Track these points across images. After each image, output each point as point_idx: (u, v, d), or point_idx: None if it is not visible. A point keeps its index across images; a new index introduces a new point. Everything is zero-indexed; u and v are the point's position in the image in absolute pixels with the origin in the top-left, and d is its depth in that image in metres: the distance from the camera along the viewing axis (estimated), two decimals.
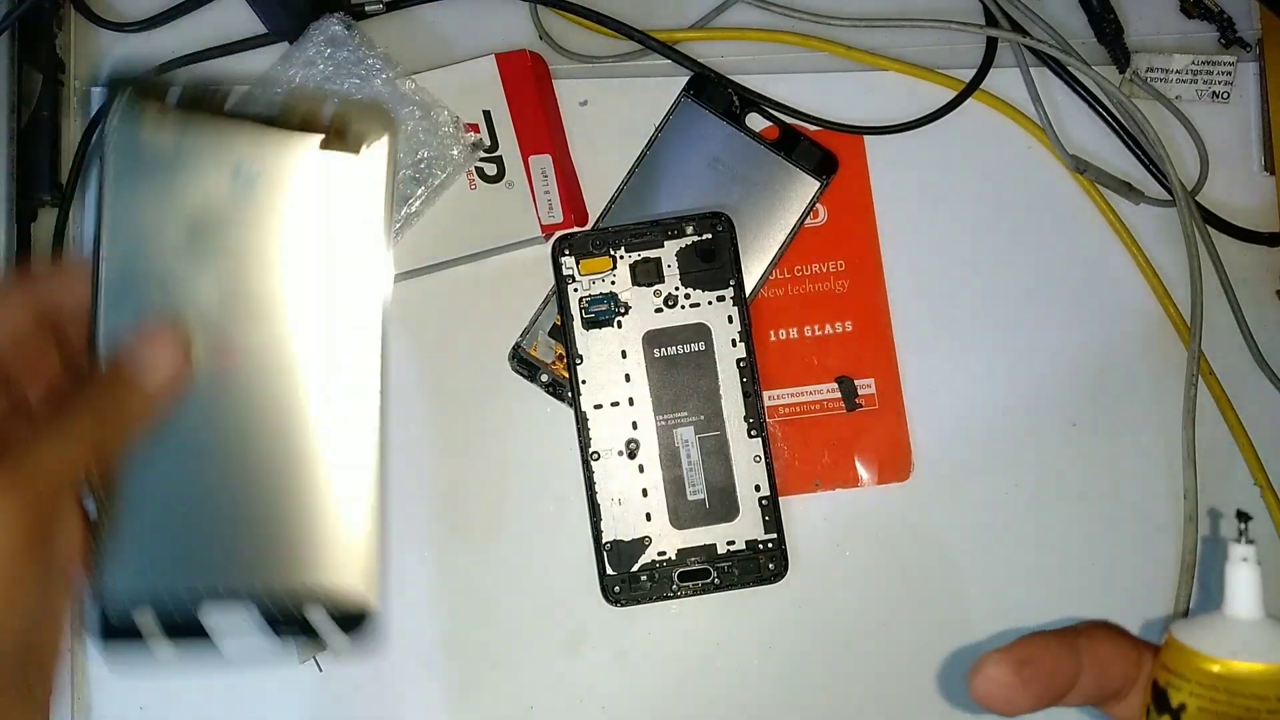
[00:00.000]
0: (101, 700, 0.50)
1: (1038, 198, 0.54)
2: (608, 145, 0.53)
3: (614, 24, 0.53)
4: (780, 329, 0.53)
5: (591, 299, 0.50)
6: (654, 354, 0.50)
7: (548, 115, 0.52)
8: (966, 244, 0.54)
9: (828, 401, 0.52)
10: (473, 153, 0.50)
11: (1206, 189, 0.53)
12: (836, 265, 0.53)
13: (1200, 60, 0.54)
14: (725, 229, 0.50)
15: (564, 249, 0.50)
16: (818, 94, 0.54)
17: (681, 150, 0.52)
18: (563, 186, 0.51)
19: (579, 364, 0.50)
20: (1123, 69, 0.54)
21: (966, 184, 0.54)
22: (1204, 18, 0.55)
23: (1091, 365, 0.53)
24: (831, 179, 0.53)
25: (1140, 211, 0.53)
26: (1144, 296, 0.53)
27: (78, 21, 0.54)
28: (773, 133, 0.53)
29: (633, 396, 0.50)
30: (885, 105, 0.54)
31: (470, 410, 0.52)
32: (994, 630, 0.51)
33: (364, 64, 0.50)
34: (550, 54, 0.54)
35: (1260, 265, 0.54)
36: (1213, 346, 0.52)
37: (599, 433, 0.49)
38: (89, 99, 0.54)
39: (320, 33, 0.50)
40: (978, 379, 0.53)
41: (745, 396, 0.49)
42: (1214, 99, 0.54)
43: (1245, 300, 0.53)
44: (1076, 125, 0.54)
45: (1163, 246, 0.53)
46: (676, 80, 0.53)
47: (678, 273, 0.50)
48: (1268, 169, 0.54)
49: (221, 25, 0.54)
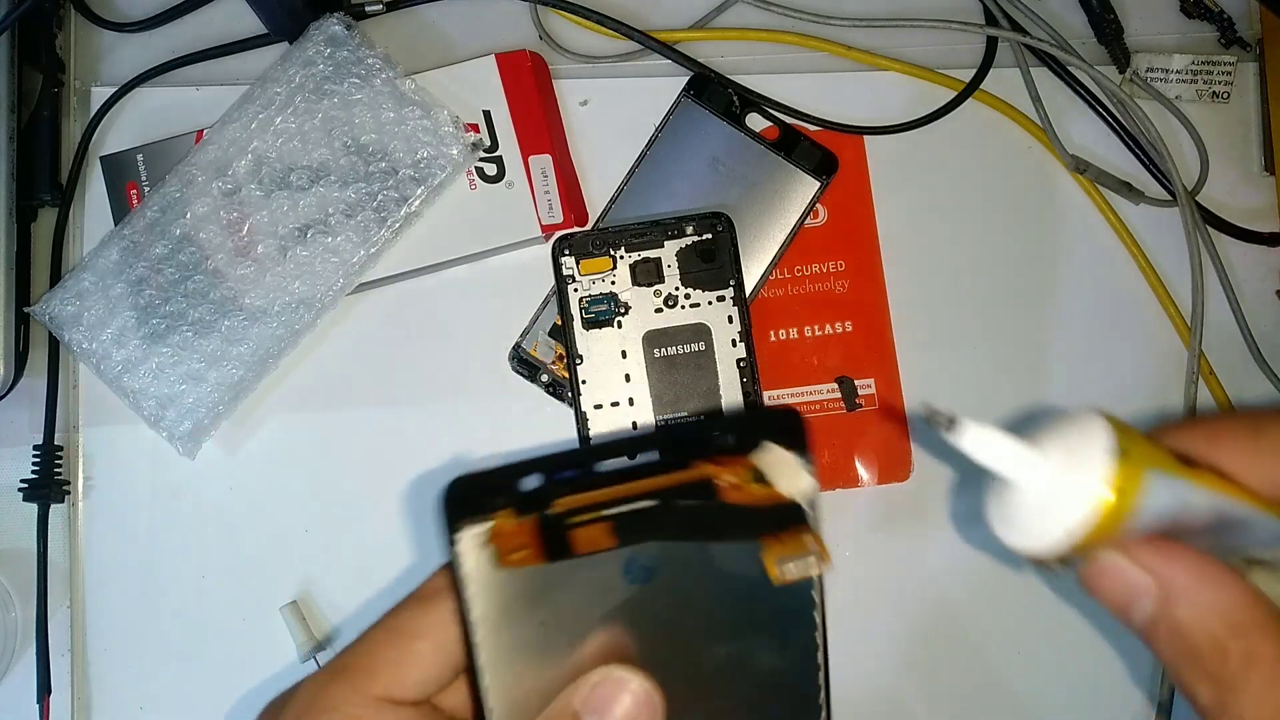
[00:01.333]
0: (101, 700, 0.50)
1: (1038, 198, 0.54)
2: (608, 145, 0.53)
3: (614, 24, 0.53)
4: (780, 329, 0.53)
5: (591, 299, 0.50)
6: (654, 354, 0.50)
7: (548, 115, 0.52)
8: (966, 244, 0.54)
9: (828, 401, 0.52)
10: (473, 153, 0.50)
11: (1206, 189, 0.53)
12: (836, 265, 0.53)
13: (1200, 60, 0.54)
14: (725, 229, 0.50)
15: (564, 249, 0.50)
16: (818, 94, 0.54)
17: (681, 150, 0.52)
18: (563, 186, 0.51)
19: (579, 364, 0.50)
20: (1123, 69, 0.54)
21: (966, 184, 0.54)
22: (1204, 18, 0.55)
23: (1092, 365, 0.53)
24: (831, 179, 0.53)
25: (1140, 211, 0.53)
26: (1144, 296, 0.53)
27: (78, 21, 0.54)
28: (773, 133, 0.53)
29: (633, 396, 0.50)
30: (885, 105, 0.54)
31: (470, 410, 0.52)
32: (993, 629, 0.52)
33: (364, 64, 0.50)
34: (550, 54, 0.54)
35: (1260, 265, 0.54)
36: (1213, 346, 0.52)
37: (599, 432, 0.49)
38: (89, 99, 0.54)
39: (320, 33, 0.50)
40: (977, 379, 0.53)
41: (745, 396, 0.49)
42: (1214, 99, 0.54)
43: (1245, 300, 0.53)
44: (1076, 125, 0.54)
45: (1163, 246, 0.53)
46: (676, 80, 0.53)
47: (678, 273, 0.50)
48: (1268, 169, 0.54)
49: (221, 25, 0.54)
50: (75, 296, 0.50)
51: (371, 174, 0.50)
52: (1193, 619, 0.21)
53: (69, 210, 0.52)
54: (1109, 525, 0.21)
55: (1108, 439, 0.21)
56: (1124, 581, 0.22)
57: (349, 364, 0.52)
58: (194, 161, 0.50)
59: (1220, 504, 0.21)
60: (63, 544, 0.51)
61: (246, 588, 0.51)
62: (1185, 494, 0.21)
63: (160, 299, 0.50)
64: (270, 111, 0.50)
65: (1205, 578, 0.21)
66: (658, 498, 0.25)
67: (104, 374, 0.49)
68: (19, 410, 0.51)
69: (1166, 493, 0.21)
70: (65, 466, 0.51)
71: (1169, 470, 0.21)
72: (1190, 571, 0.21)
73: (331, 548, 0.51)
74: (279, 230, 0.50)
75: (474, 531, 0.25)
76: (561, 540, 0.25)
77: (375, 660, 0.27)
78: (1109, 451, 0.21)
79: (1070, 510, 0.21)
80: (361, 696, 0.26)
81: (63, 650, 0.50)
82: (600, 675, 0.25)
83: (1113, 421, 0.22)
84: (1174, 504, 0.21)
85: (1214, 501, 0.21)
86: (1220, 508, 0.21)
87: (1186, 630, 0.21)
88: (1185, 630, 0.21)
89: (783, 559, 0.24)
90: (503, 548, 0.25)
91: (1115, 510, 0.20)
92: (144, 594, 0.51)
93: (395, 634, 0.27)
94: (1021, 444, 0.22)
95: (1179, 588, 0.21)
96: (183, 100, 0.53)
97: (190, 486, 0.51)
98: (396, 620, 0.28)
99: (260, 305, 0.49)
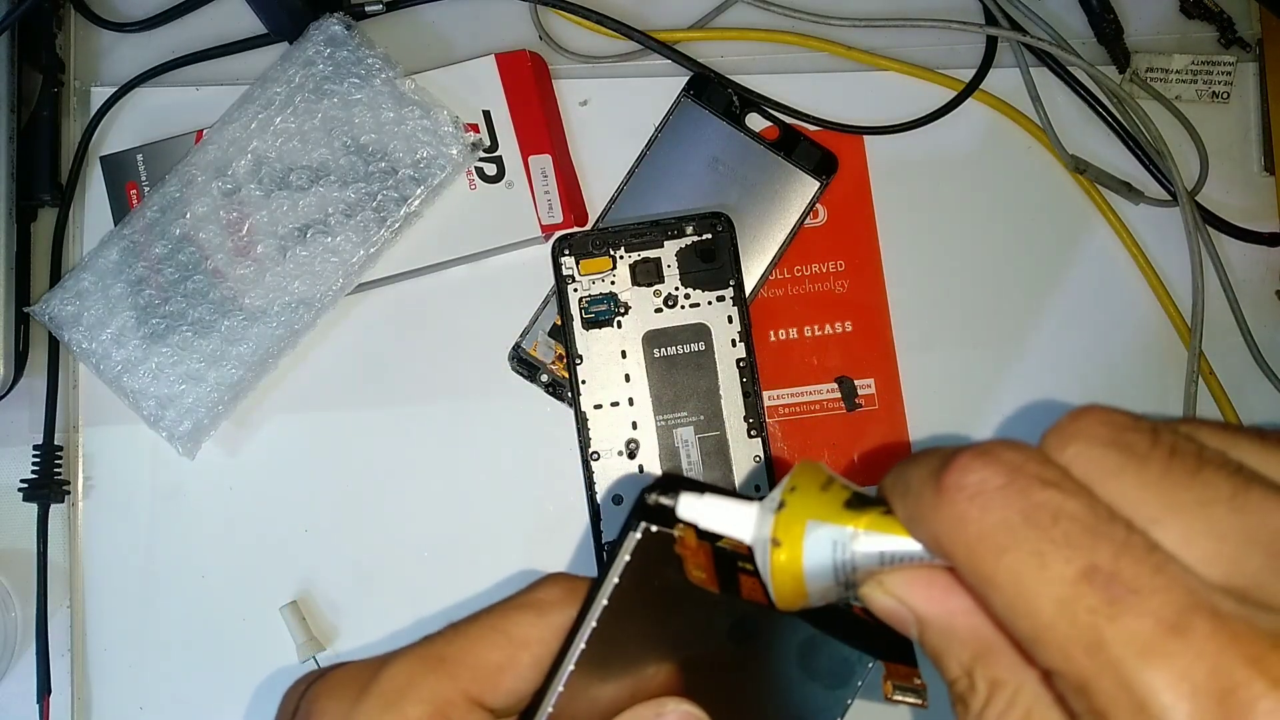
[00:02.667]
0: (101, 700, 0.50)
1: (1038, 198, 0.54)
2: (608, 145, 0.53)
3: (614, 24, 0.53)
4: (780, 329, 0.53)
5: (591, 299, 0.50)
6: (654, 354, 0.50)
7: (548, 115, 0.52)
8: (966, 244, 0.54)
9: (828, 401, 0.52)
10: (473, 153, 0.50)
11: (1206, 189, 0.53)
12: (836, 265, 0.53)
13: (1200, 60, 0.54)
14: (725, 229, 0.50)
15: (564, 249, 0.50)
16: (818, 94, 0.54)
17: (681, 150, 0.52)
18: (563, 186, 0.51)
19: (579, 364, 0.50)
20: (1123, 69, 0.54)
21: (966, 184, 0.54)
22: (1204, 18, 0.55)
23: (1091, 365, 0.53)
24: (831, 179, 0.53)
25: (1140, 211, 0.53)
26: (1144, 296, 0.53)
27: (78, 21, 0.54)
28: (773, 133, 0.53)
29: (632, 396, 0.50)
30: (885, 105, 0.54)
31: (470, 410, 0.52)
32: None
33: (364, 64, 0.50)
34: (550, 54, 0.54)
35: (1260, 265, 0.54)
36: (1213, 346, 0.52)
37: (599, 433, 0.49)
38: (89, 99, 0.54)
39: (320, 33, 0.50)
40: (978, 379, 0.53)
41: (745, 396, 0.49)
42: (1214, 99, 0.54)
43: (1245, 300, 0.53)
44: (1076, 125, 0.54)
45: (1163, 246, 0.53)
46: (676, 80, 0.53)
47: (678, 273, 0.50)
48: (1268, 169, 0.54)
49: (221, 25, 0.54)
50: (75, 296, 0.50)
51: (371, 174, 0.50)
52: (940, 646, 0.21)
53: (69, 210, 0.52)
54: (791, 575, 0.22)
55: (777, 493, 0.22)
56: (886, 612, 0.22)
57: (349, 364, 0.52)
58: (194, 161, 0.50)
59: (882, 543, 0.21)
60: (63, 544, 0.51)
61: (246, 588, 0.51)
62: (845, 537, 0.21)
63: (160, 299, 0.50)
64: (270, 111, 0.50)
65: (949, 603, 0.21)
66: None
67: (104, 374, 0.49)
68: (19, 410, 0.51)
69: (825, 539, 0.21)
70: (65, 466, 0.51)
71: (827, 518, 0.22)
72: (930, 600, 0.21)
73: (331, 548, 0.51)
74: (279, 230, 0.50)
75: (659, 532, 0.25)
76: (733, 578, 0.26)
77: (477, 658, 0.25)
78: (772, 506, 0.22)
79: (761, 564, 0.22)
80: (458, 693, 0.25)
81: (63, 650, 0.50)
82: (675, 705, 0.25)
83: (801, 471, 0.23)
84: (837, 550, 0.21)
85: (877, 540, 0.21)
86: (883, 546, 0.21)
87: (938, 657, 0.21)
88: (937, 657, 0.21)
89: (898, 685, 0.26)
90: (689, 560, 0.25)
91: (789, 561, 0.22)
92: (144, 594, 0.51)
93: (503, 636, 0.26)
94: (734, 504, 0.24)
95: (924, 615, 0.21)
96: (183, 100, 0.53)
97: (190, 486, 0.51)
98: (505, 622, 0.26)
99: (260, 305, 0.49)
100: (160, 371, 0.49)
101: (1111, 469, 0.18)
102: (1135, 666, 0.16)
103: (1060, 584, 0.17)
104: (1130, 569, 0.17)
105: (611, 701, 0.25)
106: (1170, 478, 0.18)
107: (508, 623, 0.26)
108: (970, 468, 0.19)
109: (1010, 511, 0.18)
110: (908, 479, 0.20)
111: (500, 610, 0.26)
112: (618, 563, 0.24)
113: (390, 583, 0.51)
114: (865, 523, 0.21)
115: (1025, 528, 0.18)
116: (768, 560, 0.22)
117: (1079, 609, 0.17)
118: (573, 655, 0.24)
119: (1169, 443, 0.18)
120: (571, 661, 0.24)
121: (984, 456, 0.19)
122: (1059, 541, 0.17)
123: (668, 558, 0.25)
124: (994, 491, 0.18)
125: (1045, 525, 0.18)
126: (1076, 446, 0.19)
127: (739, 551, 0.26)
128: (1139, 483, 0.18)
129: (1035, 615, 0.17)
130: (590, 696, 0.25)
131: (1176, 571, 0.17)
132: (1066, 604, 0.17)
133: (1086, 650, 0.17)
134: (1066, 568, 0.17)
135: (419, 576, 0.51)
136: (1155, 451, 0.18)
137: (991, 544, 0.18)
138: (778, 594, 0.22)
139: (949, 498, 0.19)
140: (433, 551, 0.51)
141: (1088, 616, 0.17)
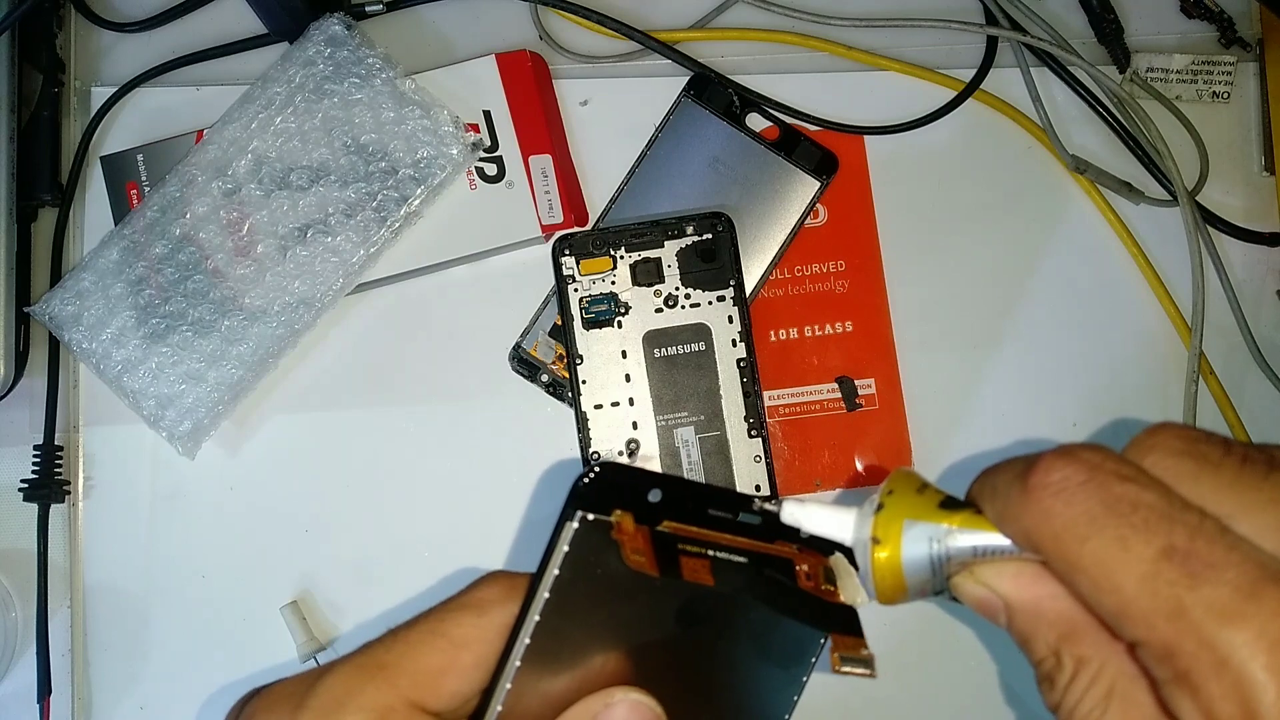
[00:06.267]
0: (101, 700, 0.50)
1: (1038, 198, 0.54)
2: (608, 145, 0.53)
3: (614, 24, 0.53)
4: (780, 329, 0.53)
5: (591, 299, 0.50)
6: (654, 354, 0.50)
7: (548, 115, 0.52)
8: (966, 244, 0.54)
9: (828, 401, 0.52)
10: (473, 153, 0.50)
11: (1206, 189, 0.53)
12: (836, 265, 0.53)
13: (1200, 60, 0.54)
14: (725, 229, 0.50)
15: (564, 249, 0.50)
16: (818, 94, 0.54)
17: (681, 150, 0.52)
18: (563, 186, 0.51)
19: (579, 364, 0.50)
20: (1123, 69, 0.54)
21: (966, 184, 0.54)
22: (1204, 18, 0.55)
23: (1092, 365, 0.53)
24: (831, 179, 0.53)
25: (1140, 211, 0.53)
26: (1144, 296, 0.53)
27: (78, 21, 0.54)
28: (773, 133, 0.53)
29: (633, 396, 0.50)
30: (885, 105, 0.54)
31: (470, 410, 0.52)
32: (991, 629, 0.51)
33: (364, 64, 0.50)
34: (550, 54, 0.54)
35: (1260, 265, 0.54)
36: (1213, 346, 0.52)
37: (599, 433, 0.49)
38: (89, 99, 0.54)
39: (320, 33, 0.50)
40: (978, 379, 0.53)
41: (745, 396, 0.49)
42: (1214, 99, 0.54)
43: (1245, 300, 0.53)
44: (1076, 125, 0.54)
45: (1163, 246, 0.53)
46: (676, 80, 0.53)
47: (678, 273, 0.50)
48: (1268, 169, 0.54)
49: (221, 25, 0.54)
50: (75, 296, 0.50)
51: (371, 174, 0.50)
52: (1028, 629, 0.23)
53: (69, 210, 0.52)
54: (890, 570, 0.24)
55: (876, 497, 0.24)
56: (978, 600, 0.24)
57: (349, 364, 0.52)
58: (194, 161, 0.50)
59: (975, 538, 0.23)
60: (63, 544, 0.51)
61: (246, 588, 0.51)
62: (940, 534, 0.23)
63: (160, 299, 0.50)
64: (270, 111, 0.50)
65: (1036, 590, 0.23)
66: (748, 558, 0.28)
67: (104, 374, 0.49)
68: (19, 410, 0.51)
69: (922, 536, 0.23)
70: (65, 466, 0.51)
71: (923, 517, 0.23)
72: (1019, 586, 0.23)
73: (331, 548, 0.51)
74: (279, 230, 0.50)
75: (596, 520, 0.25)
76: (673, 560, 0.26)
77: (416, 663, 0.25)
78: (871, 508, 0.24)
79: (862, 562, 0.24)
80: (398, 699, 0.25)
81: (63, 650, 0.50)
82: (624, 694, 0.25)
83: (897, 477, 0.25)
84: (934, 545, 0.23)
85: (970, 536, 0.23)
86: (975, 541, 0.23)
87: (1027, 640, 0.23)
88: (1026, 640, 0.23)
89: (845, 657, 0.28)
90: (626, 545, 0.26)
91: (890, 558, 0.23)
92: (144, 594, 0.51)
93: (443, 639, 0.26)
94: (833, 509, 0.25)
95: (1014, 601, 0.23)
96: (183, 100, 0.53)
97: (190, 486, 0.51)
98: (443, 625, 0.26)
99: (260, 305, 0.49)
100: (160, 371, 0.49)
101: (1187, 474, 0.20)
102: (1215, 627, 0.18)
103: (1142, 562, 0.19)
104: (1205, 547, 0.19)
105: (562, 695, 0.25)
106: (1243, 480, 0.20)
107: (447, 624, 0.26)
108: (1054, 467, 0.21)
109: (1093, 503, 0.20)
110: (995, 482, 0.22)
111: (439, 612, 0.26)
112: (556, 554, 0.25)
113: (390, 583, 0.51)
114: (959, 521, 0.23)
115: (1107, 516, 0.20)
116: (868, 557, 0.24)
117: (1160, 583, 0.19)
118: (518, 651, 0.25)
119: (1241, 452, 0.20)
120: (517, 658, 0.24)
121: (1066, 456, 0.21)
122: (1138, 526, 0.19)
123: (607, 545, 0.25)
124: (1077, 487, 0.20)
125: (1125, 513, 0.20)
126: (1154, 456, 0.21)
127: (680, 534, 0.27)
128: (1214, 485, 0.20)
129: (1119, 591, 0.19)
130: (541, 691, 0.25)
131: (1249, 549, 0.19)
132: (1148, 579, 0.19)
133: (1169, 618, 0.19)
134: (1146, 549, 0.19)
135: (419, 576, 0.51)
136: (1228, 459, 0.20)
137: (1076, 533, 0.20)
138: (878, 588, 0.24)
139: (1035, 495, 0.21)
140: (433, 551, 0.51)
141: (1169, 589, 0.19)
